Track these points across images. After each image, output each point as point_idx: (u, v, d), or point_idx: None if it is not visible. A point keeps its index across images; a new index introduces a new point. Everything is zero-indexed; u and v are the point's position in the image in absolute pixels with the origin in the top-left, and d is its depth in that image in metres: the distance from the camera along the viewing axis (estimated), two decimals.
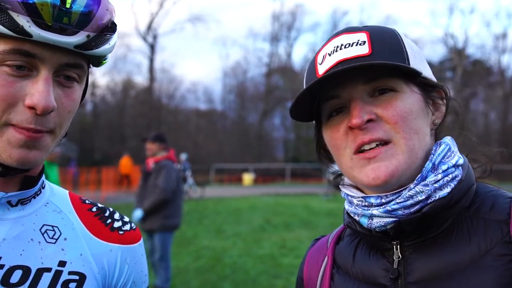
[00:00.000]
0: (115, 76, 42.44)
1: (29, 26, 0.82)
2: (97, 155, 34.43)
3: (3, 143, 0.87)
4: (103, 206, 1.11)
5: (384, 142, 0.94)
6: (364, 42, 0.96)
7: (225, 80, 49.87)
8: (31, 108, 0.86)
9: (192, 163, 24.52)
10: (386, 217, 0.94)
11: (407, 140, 0.93)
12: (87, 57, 0.92)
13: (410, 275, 0.94)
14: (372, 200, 0.96)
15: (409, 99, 0.95)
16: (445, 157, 0.97)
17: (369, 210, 0.96)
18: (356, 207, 0.99)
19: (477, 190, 0.98)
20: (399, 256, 0.96)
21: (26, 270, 0.92)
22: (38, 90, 0.86)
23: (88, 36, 0.88)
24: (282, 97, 47.82)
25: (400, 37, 1.00)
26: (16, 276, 0.90)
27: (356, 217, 1.00)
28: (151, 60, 43.46)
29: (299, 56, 64.16)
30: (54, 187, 1.07)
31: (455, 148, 1.01)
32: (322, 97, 0.99)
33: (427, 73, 1.01)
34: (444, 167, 0.95)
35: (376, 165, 0.93)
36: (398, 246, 0.96)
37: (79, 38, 0.87)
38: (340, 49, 0.96)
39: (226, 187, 29.13)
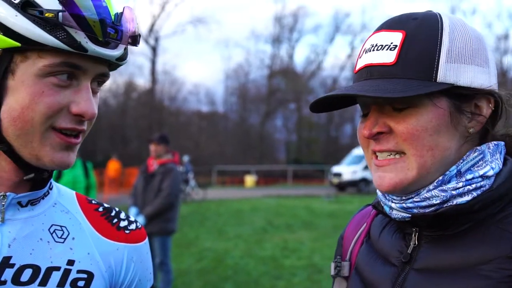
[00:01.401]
0: (117, 78, 42.44)
1: (86, 42, 0.88)
2: (99, 157, 34.43)
3: (46, 147, 0.92)
4: (109, 206, 1.13)
5: (396, 153, 0.96)
6: (395, 46, 0.94)
7: (227, 82, 49.94)
8: (77, 115, 0.92)
9: (194, 165, 24.53)
10: (402, 212, 0.98)
11: (417, 157, 0.94)
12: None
13: (418, 262, 0.98)
14: (394, 196, 1.00)
15: (427, 116, 0.93)
16: (475, 166, 0.96)
17: (390, 202, 1.01)
18: (383, 195, 1.04)
19: None
20: (415, 243, 1.00)
21: (36, 269, 0.94)
22: (84, 98, 0.92)
23: (125, 48, 0.95)
24: (284, 98, 47.84)
25: (441, 36, 0.94)
26: (26, 275, 0.93)
27: (382, 204, 1.05)
28: (153, 62, 43.53)
29: (301, 57, 64.31)
30: (61, 188, 1.10)
31: (492, 157, 0.97)
32: None
33: (469, 77, 0.94)
34: (469, 176, 0.94)
35: (382, 175, 0.97)
36: (417, 233, 1.00)
37: (120, 50, 0.94)
38: (374, 50, 0.97)
39: (228, 189, 29.13)
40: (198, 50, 70.52)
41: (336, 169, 27.39)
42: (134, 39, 0.96)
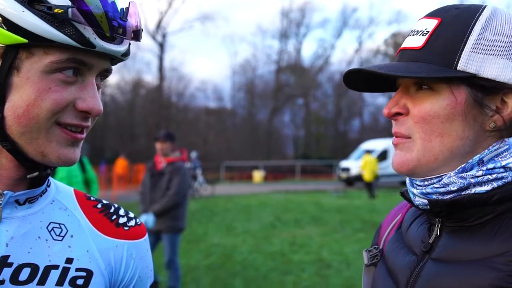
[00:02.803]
0: (125, 75, 42.61)
1: (94, 38, 0.87)
2: (108, 154, 34.62)
3: (52, 143, 0.91)
4: (108, 202, 1.12)
5: (406, 137, 1.00)
6: (427, 32, 0.97)
7: (234, 78, 49.96)
8: (83, 111, 0.92)
9: (202, 161, 24.61)
10: (422, 198, 1.00)
11: (424, 141, 0.96)
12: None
13: (435, 252, 0.99)
14: (418, 182, 1.01)
15: (441, 102, 0.94)
16: (498, 156, 0.95)
17: (413, 188, 1.03)
18: (410, 182, 1.06)
19: None
20: (437, 233, 1.01)
21: (34, 267, 0.93)
22: (90, 95, 0.92)
23: (129, 43, 0.95)
24: (291, 94, 47.81)
25: (473, 25, 0.94)
26: (24, 274, 0.92)
27: (408, 191, 1.06)
28: (161, 59, 43.65)
29: (308, 52, 64.03)
30: (59, 184, 1.09)
31: None
32: None
33: (495, 70, 0.92)
34: (490, 165, 0.94)
35: (397, 152, 1.01)
36: (439, 224, 1.01)
37: (125, 46, 0.94)
38: (411, 35, 1.01)
39: (236, 185, 29.18)
40: (205, 46, 70.54)
41: (344, 164, 27.34)
42: (137, 34, 0.95)
